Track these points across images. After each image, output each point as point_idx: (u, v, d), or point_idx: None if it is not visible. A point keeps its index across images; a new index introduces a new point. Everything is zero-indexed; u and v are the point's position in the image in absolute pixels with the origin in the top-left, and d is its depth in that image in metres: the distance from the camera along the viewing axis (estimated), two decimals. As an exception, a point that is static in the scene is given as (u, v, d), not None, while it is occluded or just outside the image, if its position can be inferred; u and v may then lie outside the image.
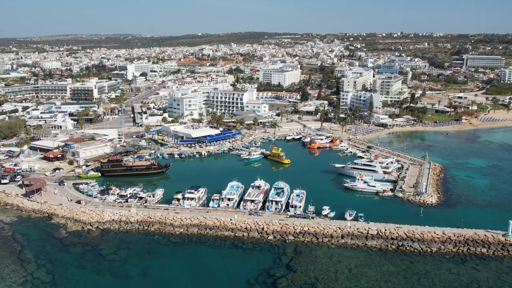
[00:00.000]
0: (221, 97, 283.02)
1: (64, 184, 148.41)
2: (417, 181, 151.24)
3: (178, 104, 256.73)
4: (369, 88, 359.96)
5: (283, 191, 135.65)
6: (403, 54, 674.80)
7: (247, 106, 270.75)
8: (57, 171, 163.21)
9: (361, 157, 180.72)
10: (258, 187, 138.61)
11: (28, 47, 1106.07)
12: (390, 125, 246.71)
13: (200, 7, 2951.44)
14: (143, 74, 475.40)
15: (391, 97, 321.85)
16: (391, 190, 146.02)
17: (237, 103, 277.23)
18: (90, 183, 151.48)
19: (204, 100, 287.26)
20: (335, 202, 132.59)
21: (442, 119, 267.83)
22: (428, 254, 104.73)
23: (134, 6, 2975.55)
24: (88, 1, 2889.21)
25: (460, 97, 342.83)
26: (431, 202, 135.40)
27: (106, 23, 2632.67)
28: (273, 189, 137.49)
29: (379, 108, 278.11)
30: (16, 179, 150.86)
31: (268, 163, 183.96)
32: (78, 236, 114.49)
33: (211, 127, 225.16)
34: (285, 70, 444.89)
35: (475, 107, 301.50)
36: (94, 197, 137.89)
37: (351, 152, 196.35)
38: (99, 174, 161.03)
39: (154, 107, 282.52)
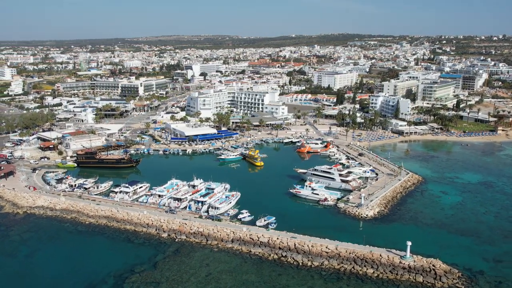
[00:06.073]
0: (245, 98, 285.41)
1: (35, 172, 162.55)
2: (372, 193, 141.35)
3: (194, 103, 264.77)
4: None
5: (213, 191, 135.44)
6: (489, 59, 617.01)
7: (266, 108, 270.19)
8: (42, 159, 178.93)
9: (343, 164, 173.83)
10: (193, 186, 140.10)
11: (130, 47, 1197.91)
12: (406, 133, 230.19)
13: (302, 8, 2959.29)
14: (202, 74, 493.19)
15: (433, 104, 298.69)
16: (338, 199, 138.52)
17: (258, 104, 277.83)
18: (57, 172, 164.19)
19: (229, 100, 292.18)
20: (272, 207, 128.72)
21: (474, 129, 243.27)
22: (306, 268, 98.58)
23: (238, 8, 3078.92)
24: (197, 2, 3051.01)
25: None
26: (367, 215, 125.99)
27: (211, 24, 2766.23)
28: (203, 189, 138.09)
29: (407, 114, 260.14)
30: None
31: (245, 164, 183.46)
32: (3, 218, 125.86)
33: (214, 126, 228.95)
34: (338, 73, 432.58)
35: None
36: (50, 185, 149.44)
37: (337, 158, 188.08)
38: (75, 165, 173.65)
39: (177, 106, 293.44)
